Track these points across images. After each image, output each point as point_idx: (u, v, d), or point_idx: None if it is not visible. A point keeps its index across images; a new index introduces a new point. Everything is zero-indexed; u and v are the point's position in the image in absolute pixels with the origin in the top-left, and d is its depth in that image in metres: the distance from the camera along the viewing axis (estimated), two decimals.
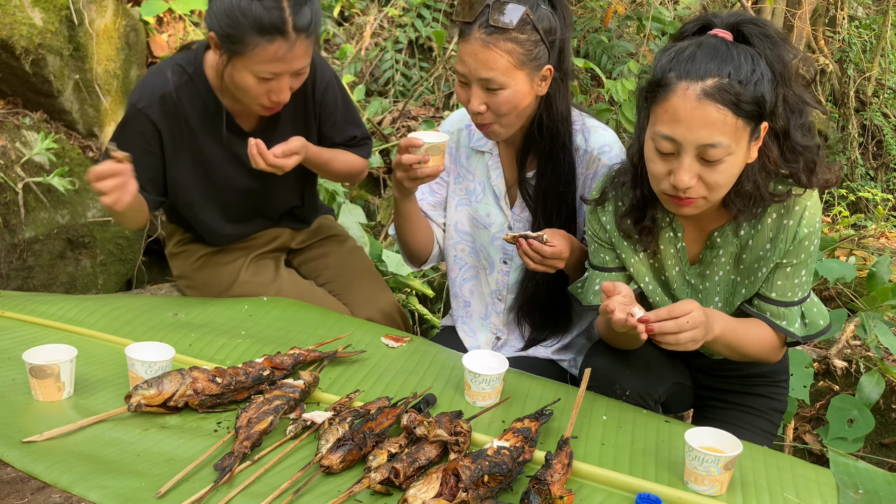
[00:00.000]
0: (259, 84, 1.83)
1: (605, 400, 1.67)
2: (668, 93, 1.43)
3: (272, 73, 1.81)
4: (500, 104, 1.76)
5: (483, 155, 2.01)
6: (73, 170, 2.95)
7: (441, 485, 1.23)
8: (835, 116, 6.81)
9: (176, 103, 1.97)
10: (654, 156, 1.49)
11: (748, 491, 1.37)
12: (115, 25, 3.15)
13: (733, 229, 1.61)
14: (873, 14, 7.47)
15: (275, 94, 1.86)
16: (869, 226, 5.03)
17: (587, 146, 1.90)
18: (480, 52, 1.72)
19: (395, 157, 1.82)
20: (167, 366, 1.60)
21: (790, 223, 1.55)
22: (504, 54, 1.72)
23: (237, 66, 1.83)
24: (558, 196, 1.91)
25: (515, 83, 1.75)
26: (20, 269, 2.77)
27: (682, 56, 1.43)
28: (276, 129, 2.09)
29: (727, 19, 1.49)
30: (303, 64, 1.85)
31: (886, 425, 2.56)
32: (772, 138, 1.50)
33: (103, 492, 1.23)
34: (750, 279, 1.63)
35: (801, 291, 1.62)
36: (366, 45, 4.27)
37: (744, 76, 1.40)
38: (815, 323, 1.65)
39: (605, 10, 3.77)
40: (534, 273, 1.91)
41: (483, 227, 2.02)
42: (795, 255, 1.58)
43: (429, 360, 1.81)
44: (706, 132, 1.40)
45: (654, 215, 1.63)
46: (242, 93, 1.88)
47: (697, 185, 1.45)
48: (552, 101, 1.84)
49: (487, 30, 1.71)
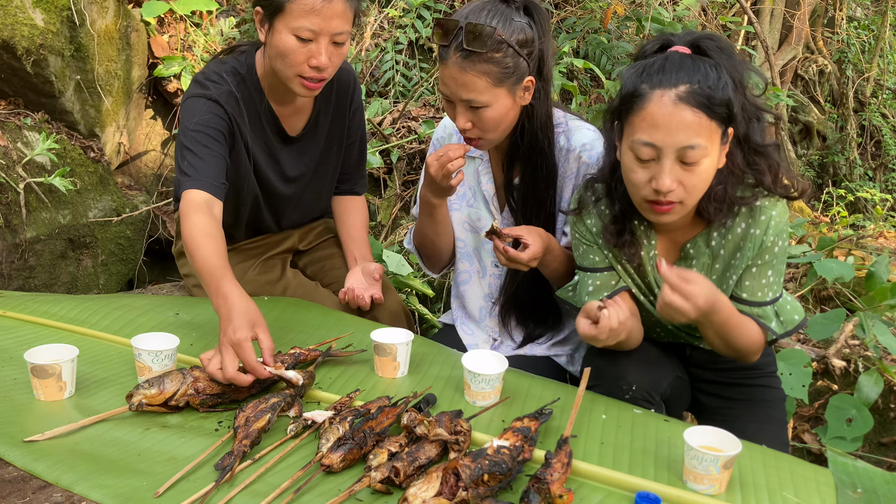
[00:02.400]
0: (299, 46, 1.86)
1: (604, 399, 1.67)
2: (643, 102, 1.50)
3: (310, 29, 1.84)
4: (485, 121, 1.79)
5: (474, 160, 2.04)
6: (74, 170, 2.95)
7: (441, 484, 1.23)
8: (833, 117, 6.82)
9: (237, 101, 2.00)
10: (634, 164, 1.55)
11: (747, 490, 1.37)
12: (116, 26, 3.15)
13: (705, 240, 1.68)
14: (872, 15, 7.48)
15: (314, 59, 1.87)
16: (867, 226, 5.04)
17: (570, 145, 1.92)
18: (459, 76, 1.75)
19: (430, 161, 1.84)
20: (173, 354, 1.61)
21: (756, 232, 1.63)
22: (482, 75, 1.74)
23: (278, 29, 1.86)
24: (538, 200, 1.93)
25: (497, 100, 1.77)
26: (22, 269, 2.78)
27: (652, 69, 1.52)
28: (314, 139, 2.16)
29: (684, 38, 1.60)
30: (342, 27, 1.87)
31: (885, 425, 2.57)
32: (734, 144, 1.59)
33: (104, 491, 1.24)
34: (721, 288, 1.69)
35: (772, 292, 1.68)
36: (366, 46, 4.28)
37: (712, 82, 1.49)
38: (790, 319, 1.72)
39: (604, 10, 3.78)
40: (518, 275, 1.97)
41: (476, 231, 2.05)
42: (760, 257, 1.65)
43: (429, 360, 1.82)
44: (684, 134, 1.48)
45: (632, 229, 1.70)
46: (283, 60, 1.89)
47: (678, 188, 1.52)
48: (533, 109, 1.86)
49: (462, 53, 1.73)
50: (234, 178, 2.05)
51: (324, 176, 2.24)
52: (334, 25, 1.86)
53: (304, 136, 2.14)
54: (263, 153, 2.10)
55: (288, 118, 2.10)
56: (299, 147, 2.15)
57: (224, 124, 1.94)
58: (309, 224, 2.38)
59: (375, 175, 3.79)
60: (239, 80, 2.01)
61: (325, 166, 2.22)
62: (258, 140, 2.07)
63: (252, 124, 2.05)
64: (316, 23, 1.83)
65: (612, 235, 1.70)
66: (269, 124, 2.08)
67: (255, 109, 2.04)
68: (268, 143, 2.10)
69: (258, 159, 2.09)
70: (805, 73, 6.67)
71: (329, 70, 1.91)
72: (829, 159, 6.58)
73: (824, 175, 6.62)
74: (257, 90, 2.03)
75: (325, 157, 2.21)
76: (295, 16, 1.83)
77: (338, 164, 2.25)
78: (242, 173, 2.07)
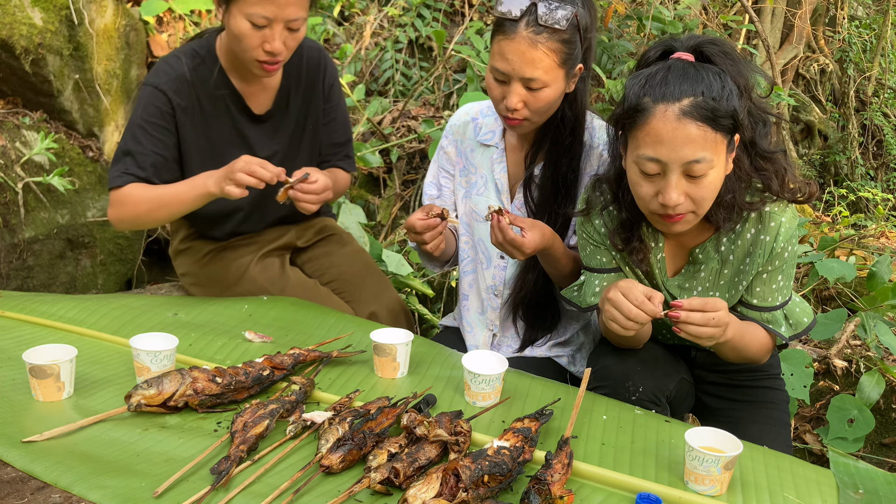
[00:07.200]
0: (253, 31, 1.89)
1: (605, 400, 1.67)
2: (647, 117, 1.48)
3: (264, 16, 1.86)
4: (539, 102, 1.78)
5: (488, 148, 2.02)
6: (72, 170, 2.95)
7: (441, 485, 1.23)
8: (835, 116, 6.81)
9: (191, 85, 2.03)
10: (640, 179, 1.54)
11: (748, 491, 1.37)
12: (114, 25, 3.15)
13: (714, 245, 1.67)
14: (873, 14, 7.47)
15: (268, 44, 1.89)
16: (869, 225, 5.03)
17: (592, 141, 1.93)
18: (527, 51, 1.73)
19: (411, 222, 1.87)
20: (172, 354, 1.60)
21: (766, 238, 1.62)
22: (550, 53, 1.73)
23: (233, 13, 1.89)
24: (556, 192, 1.93)
25: (556, 81, 1.77)
26: (20, 268, 2.77)
27: (654, 81, 1.49)
28: (286, 117, 2.17)
29: (687, 42, 1.57)
30: (296, 14, 1.89)
31: (886, 425, 2.56)
32: (741, 149, 1.57)
33: (103, 492, 1.23)
34: (731, 293, 1.70)
35: (782, 296, 1.69)
36: (366, 45, 4.27)
37: (716, 93, 1.46)
38: (799, 322, 1.72)
39: (605, 9, 3.77)
40: (530, 268, 1.96)
41: (481, 221, 2.03)
42: (771, 263, 1.65)
43: (429, 361, 1.81)
44: (690, 149, 1.46)
45: (640, 235, 1.69)
46: (239, 43, 1.92)
47: (686, 201, 1.51)
48: (577, 97, 1.86)
49: (536, 28, 1.72)
50: (194, 159, 2.07)
51: (298, 155, 2.22)
52: (288, 12, 1.87)
53: (273, 115, 2.15)
54: (231, 132, 2.11)
55: (253, 96, 2.11)
56: (271, 125, 2.16)
57: (167, 114, 2.01)
58: (306, 221, 2.36)
59: (375, 175, 3.79)
60: (198, 62, 2.04)
61: (298, 145, 2.22)
62: (223, 119, 2.09)
63: (214, 103, 2.07)
64: (270, 10, 1.85)
65: (619, 241, 1.69)
66: (234, 103, 2.09)
67: (216, 88, 2.06)
68: (235, 122, 2.11)
69: (224, 137, 2.10)
70: (806, 73, 6.66)
71: (284, 54, 1.94)
72: (831, 159, 6.57)
73: (826, 175, 6.61)
74: (218, 69, 2.05)
75: (299, 136, 2.21)
76: (250, 2, 1.85)
77: (314, 143, 2.25)
78: (202, 152, 2.08)
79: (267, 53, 1.91)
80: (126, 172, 1.99)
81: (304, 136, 2.22)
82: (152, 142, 2.00)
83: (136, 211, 2.00)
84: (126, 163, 2.00)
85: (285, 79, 2.15)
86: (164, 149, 2.02)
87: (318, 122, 2.23)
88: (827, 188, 6.12)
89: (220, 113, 2.08)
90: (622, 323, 1.53)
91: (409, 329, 2.25)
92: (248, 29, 1.88)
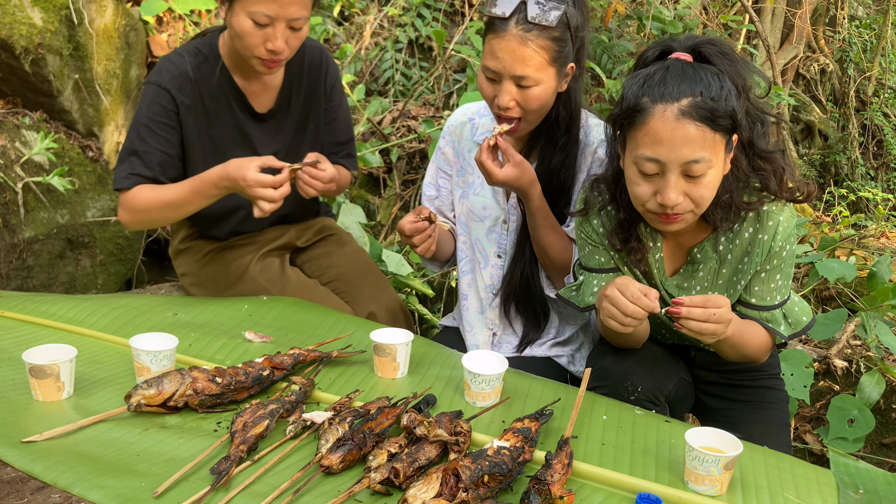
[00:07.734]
0: (255, 30, 1.89)
1: (605, 400, 1.67)
2: (645, 117, 1.48)
3: (267, 15, 1.86)
4: (531, 100, 1.78)
5: None
6: (72, 169, 2.95)
7: (441, 485, 1.23)
8: (835, 116, 6.81)
9: (194, 83, 2.03)
10: (638, 178, 1.54)
11: (748, 491, 1.37)
12: (114, 25, 3.15)
13: (712, 245, 1.67)
14: (873, 14, 7.47)
15: (271, 42, 1.90)
16: (869, 225, 5.03)
17: (587, 140, 1.94)
18: (517, 49, 1.73)
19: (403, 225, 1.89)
20: (172, 354, 1.60)
21: (765, 238, 1.62)
22: (540, 51, 1.74)
23: (236, 11, 1.89)
24: (558, 189, 1.93)
25: (547, 80, 1.77)
26: (20, 268, 2.77)
27: (653, 81, 1.49)
28: (288, 116, 2.17)
29: (685, 42, 1.57)
30: (299, 13, 1.90)
31: (887, 425, 2.56)
32: (739, 149, 1.57)
33: (103, 492, 1.23)
34: (729, 292, 1.70)
35: (780, 295, 1.69)
36: (366, 45, 4.27)
37: (714, 93, 1.46)
38: (798, 321, 1.73)
39: (605, 9, 3.77)
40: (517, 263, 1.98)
41: (478, 220, 2.04)
42: (769, 262, 1.65)
43: (429, 361, 1.81)
44: (688, 149, 1.46)
45: (638, 235, 1.69)
46: (241, 41, 1.93)
47: (684, 201, 1.51)
48: (570, 96, 1.86)
49: (526, 26, 1.72)
50: (195, 157, 2.08)
51: (299, 153, 2.20)
52: (291, 12, 1.88)
53: (276, 114, 2.16)
54: (233, 130, 2.12)
55: (256, 95, 2.12)
56: (272, 125, 2.17)
57: (171, 112, 2.01)
58: (306, 221, 2.36)
59: (375, 175, 3.79)
60: (201, 60, 2.05)
61: (300, 144, 2.22)
62: (226, 116, 2.10)
63: (217, 101, 2.08)
64: (272, 9, 1.86)
65: (618, 241, 1.69)
66: (236, 101, 2.10)
67: (218, 86, 2.07)
68: (237, 120, 2.11)
69: (226, 135, 2.10)
70: (806, 73, 6.66)
71: (286, 53, 1.94)
72: (831, 159, 6.57)
73: (826, 175, 6.61)
74: (220, 67, 2.06)
75: (300, 135, 2.22)
76: (253, 1, 1.86)
77: (316, 142, 2.25)
78: (204, 149, 2.08)
79: (269, 52, 1.92)
80: (133, 173, 2.00)
81: (306, 136, 2.23)
82: (158, 140, 2.01)
83: (148, 218, 2.05)
84: (132, 162, 2.00)
85: (287, 78, 2.15)
86: (169, 147, 2.03)
87: (320, 122, 2.23)
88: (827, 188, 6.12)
89: (223, 111, 2.09)
90: (620, 319, 1.53)
91: (408, 329, 2.26)
92: (250, 27, 1.89)
